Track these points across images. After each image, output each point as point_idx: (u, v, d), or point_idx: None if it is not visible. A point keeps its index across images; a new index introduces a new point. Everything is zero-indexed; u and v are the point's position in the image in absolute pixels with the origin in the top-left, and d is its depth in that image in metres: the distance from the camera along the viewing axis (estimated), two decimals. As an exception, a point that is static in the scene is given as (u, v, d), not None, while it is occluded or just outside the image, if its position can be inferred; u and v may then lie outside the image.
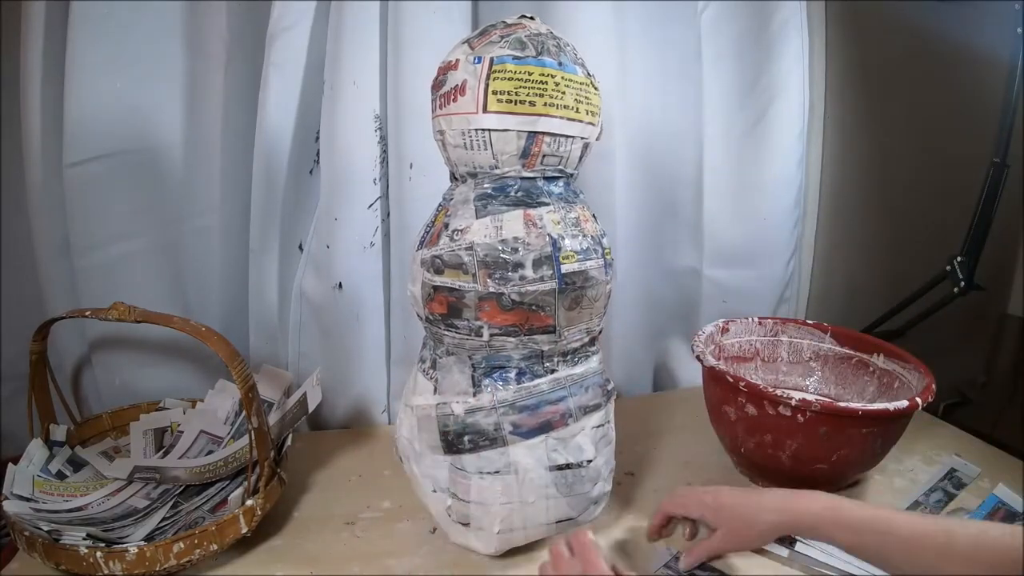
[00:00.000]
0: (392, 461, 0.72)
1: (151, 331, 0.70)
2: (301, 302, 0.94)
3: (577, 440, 0.64)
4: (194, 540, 0.61)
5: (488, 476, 0.62)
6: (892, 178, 1.08)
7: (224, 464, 0.78)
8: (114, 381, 0.90)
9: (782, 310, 1.14)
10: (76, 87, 0.80)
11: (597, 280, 0.62)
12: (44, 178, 0.82)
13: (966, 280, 0.89)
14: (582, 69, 0.62)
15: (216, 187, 0.89)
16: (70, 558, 0.59)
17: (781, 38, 1.02)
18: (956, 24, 0.90)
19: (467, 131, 0.60)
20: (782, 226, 1.10)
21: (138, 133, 0.85)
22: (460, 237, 0.60)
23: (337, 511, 0.75)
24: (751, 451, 0.77)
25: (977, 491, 0.78)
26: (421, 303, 0.63)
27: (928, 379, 0.75)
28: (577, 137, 0.62)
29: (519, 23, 0.62)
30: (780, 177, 1.08)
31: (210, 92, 0.86)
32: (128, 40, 0.82)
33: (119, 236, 0.87)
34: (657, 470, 0.84)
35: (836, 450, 0.71)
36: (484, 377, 0.62)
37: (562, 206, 0.62)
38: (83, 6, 0.78)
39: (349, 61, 0.84)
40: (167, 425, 0.84)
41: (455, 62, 0.60)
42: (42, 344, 0.75)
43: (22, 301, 0.87)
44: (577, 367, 0.65)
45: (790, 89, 1.05)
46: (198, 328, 0.67)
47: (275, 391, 0.83)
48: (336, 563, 0.66)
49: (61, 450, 0.77)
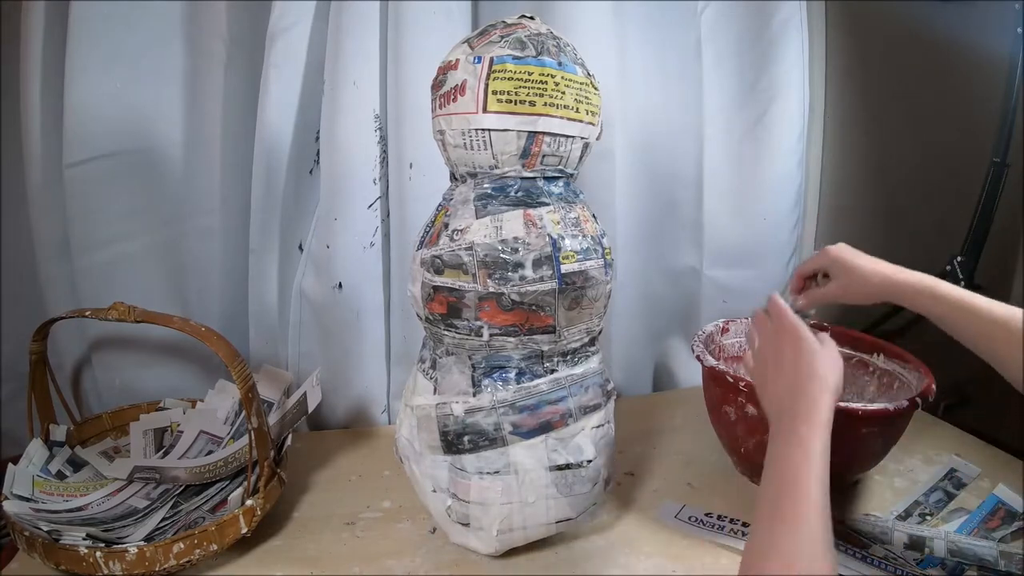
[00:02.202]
0: (392, 461, 0.72)
1: (151, 331, 0.70)
2: (301, 302, 0.94)
3: (577, 440, 0.64)
4: (194, 540, 0.61)
5: (488, 476, 0.62)
6: (892, 178, 1.08)
7: (224, 464, 0.77)
8: (114, 381, 0.90)
9: (782, 310, 1.14)
10: (76, 87, 0.80)
11: (597, 280, 0.62)
12: (44, 178, 0.82)
13: (966, 280, 0.89)
14: (582, 69, 0.62)
15: (216, 187, 0.89)
16: (70, 558, 0.59)
17: (781, 38, 1.03)
18: (956, 24, 0.90)
19: (467, 131, 0.60)
20: (782, 226, 1.10)
21: (138, 133, 0.85)
22: (460, 237, 0.60)
23: (337, 511, 0.75)
24: (751, 451, 0.77)
25: (977, 491, 0.78)
26: (421, 303, 0.63)
27: (928, 379, 0.75)
28: (577, 137, 0.62)
29: (519, 23, 0.62)
30: (780, 177, 1.08)
31: (210, 92, 0.86)
32: (128, 40, 0.82)
33: (119, 236, 0.87)
34: (657, 470, 0.84)
35: (836, 450, 0.71)
36: (484, 377, 0.62)
37: (562, 206, 0.62)
38: (83, 6, 0.78)
39: (349, 61, 0.84)
40: (167, 425, 0.84)
41: (455, 62, 0.60)
42: (42, 344, 0.75)
43: (22, 301, 0.87)
44: (577, 367, 0.65)
45: (790, 89, 1.05)
46: (198, 328, 0.67)
47: (275, 391, 0.83)
48: (336, 563, 0.66)
49: (61, 450, 0.77)
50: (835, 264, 0.70)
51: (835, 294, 0.71)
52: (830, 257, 0.71)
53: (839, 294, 0.71)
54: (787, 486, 0.46)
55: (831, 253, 0.71)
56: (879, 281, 0.67)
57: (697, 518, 0.74)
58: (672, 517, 0.74)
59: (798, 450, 0.48)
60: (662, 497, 0.78)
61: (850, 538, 0.70)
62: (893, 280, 0.66)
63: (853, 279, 0.69)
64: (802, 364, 0.54)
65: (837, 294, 0.71)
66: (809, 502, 0.44)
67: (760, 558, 0.44)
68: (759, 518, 0.46)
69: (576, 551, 0.69)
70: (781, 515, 0.45)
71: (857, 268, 0.68)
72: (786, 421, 0.51)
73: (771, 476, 0.48)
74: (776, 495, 0.46)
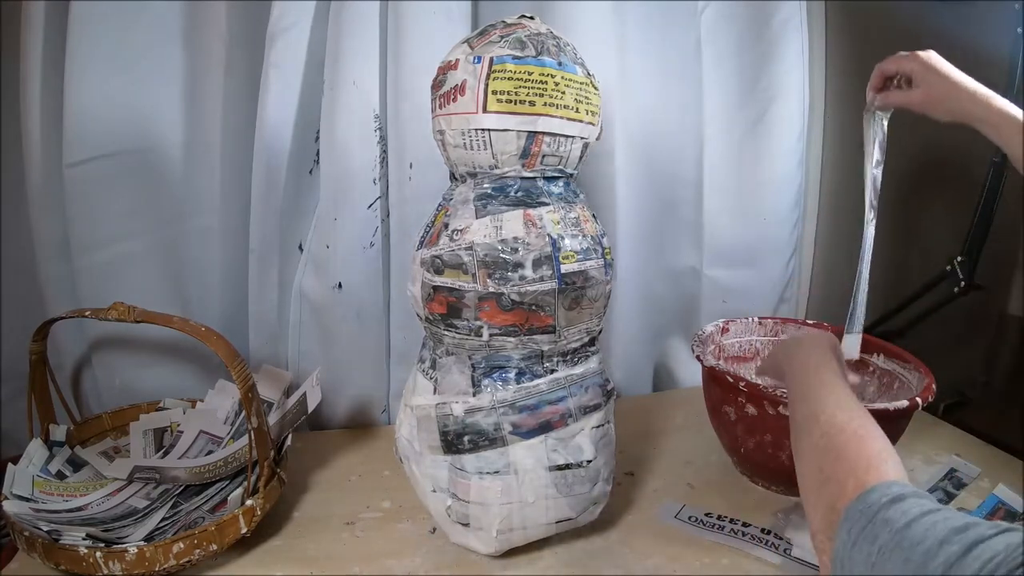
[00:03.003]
0: (392, 461, 0.72)
1: (151, 331, 0.70)
2: (301, 302, 0.94)
3: (577, 440, 0.64)
4: (194, 540, 0.61)
5: (488, 476, 0.62)
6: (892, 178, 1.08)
7: (224, 464, 0.77)
8: (114, 381, 0.90)
9: (782, 310, 1.14)
10: (76, 87, 0.80)
11: (597, 280, 0.62)
12: (44, 178, 0.82)
13: (966, 280, 0.89)
14: (582, 69, 0.62)
15: (216, 187, 0.89)
16: (70, 558, 0.59)
17: (781, 38, 1.03)
18: (956, 24, 0.90)
19: (467, 131, 0.60)
20: (782, 226, 1.10)
21: (138, 133, 0.85)
22: (460, 237, 0.60)
23: (337, 511, 0.75)
24: (751, 451, 0.77)
25: (977, 491, 0.78)
26: (421, 303, 0.63)
27: (928, 379, 0.75)
28: (577, 137, 0.62)
29: (519, 23, 0.62)
30: (780, 177, 1.08)
31: (210, 92, 0.86)
32: (128, 40, 0.82)
33: (119, 236, 0.87)
34: (657, 470, 0.84)
35: (836, 450, 0.71)
36: (484, 377, 0.62)
37: (562, 206, 0.62)
38: (83, 6, 0.78)
39: (349, 61, 0.84)
40: (167, 425, 0.84)
41: (455, 62, 0.60)
42: (42, 344, 0.75)
43: (22, 301, 0.87)
44: (577, 367, 0.65)
45: (790, 89, 1.05)
46: (198, 328, 0.67)
47: (275, 391, 0.83)
48: (336, 563, 0.66)
49: (61, 450, 0.77)
50: (925, 70, 0.65)
51: (917, 101, 0.66)
52: (919, 61, 0.65)
53: (922, 101, 0.66)
54: (803, 385, 0.53)
55: (920, 57, 0.65)
56: (967, 97, 0.62)
57: (697, 518, 0.74)
58: (672, 517, 0.74)
59: (813, 378, 0.53)
60: (662, 497, 0.78)
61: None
62: (989, 105, 0.60)
63: (941, 90, 0.63)
64: (791, 345, 0.63)
65: (919, 101, 0.66)
66: (828, 379, 0.51)
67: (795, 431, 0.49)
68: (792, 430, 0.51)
69: (576, 551, 0.69)
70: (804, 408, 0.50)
71: (949, 78, 0.63)
72: (794, 381, 0.56)
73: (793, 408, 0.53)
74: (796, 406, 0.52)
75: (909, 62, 0.67)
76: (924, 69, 0.65)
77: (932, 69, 0.64)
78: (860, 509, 0.38)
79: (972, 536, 0.32)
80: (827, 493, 0.42)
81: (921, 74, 0.65)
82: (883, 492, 0.38)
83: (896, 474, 0.40)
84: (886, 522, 0.36)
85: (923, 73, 0.65)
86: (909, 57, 0.67)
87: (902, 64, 0.68)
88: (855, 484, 0.40)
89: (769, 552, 0.68)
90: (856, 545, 0.37)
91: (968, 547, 0.32)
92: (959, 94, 0.62)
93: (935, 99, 0.64)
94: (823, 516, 0.41)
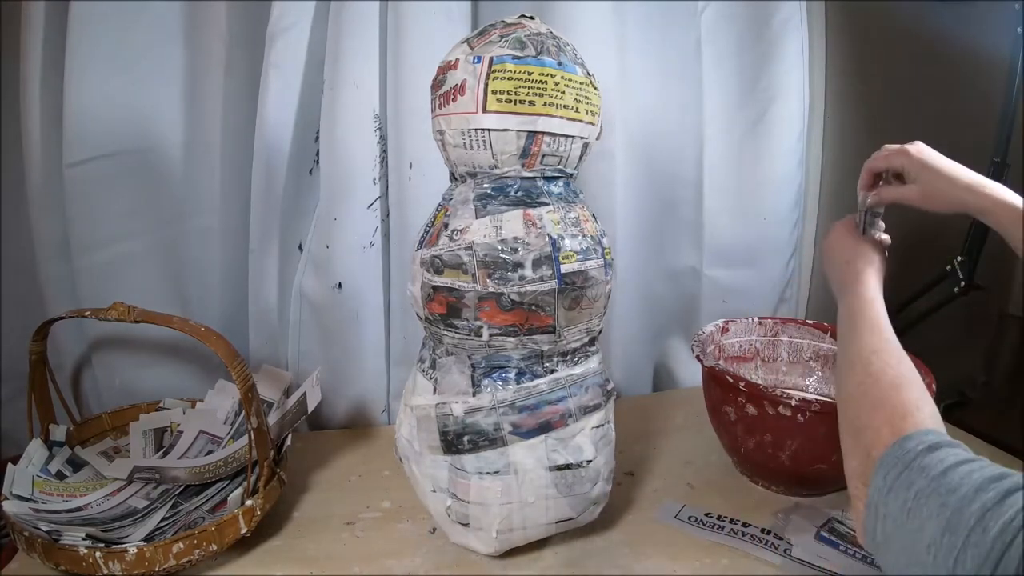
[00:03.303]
0: (392, 461, 0.72)
1: (151, 331, 0.70)
2: (301, 302, 0.94)
3: (577, 440, 0.64)
4: (194, 540, 0.61)
5: (488, 476, 0.62)
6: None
7: (224, 464, 0.77)
8: (114, 381, 0.90)
9: (782, 310, 1.14)
10: (76, 87, 0.80)
11: (597, 280, 0.62)
12: (44, 178, 0.82)
13: (966, 280, 0.89)
14: (582, 69, 0.62)
15: (216, 187, 0.89)
16: (70, 558, 0.59)
17: (781, 38, 1.03)
18: (956, 24, 0.90)
19: (467, 131, 0.60)
20: (782, 226, 1.10)
21: (138, 133, 0.85)
22: (460, 237, 0.60)
23: (337, 511, 0.75)
24: (751, 451, 0.77)
25: (977, 491, 0.78)
26: (421, 303, 0.63)
27: (928, 379, 0.75)
28: (577, 137, 0.62)
29: (519, 23, 0.62)
30: (780, 177, 1.08)
31: (210, 92, 0.86)
32: (128, 40, 0.82)
33: (119, 236, 0.87)
34: (657, 470, 0.84)
35: (836, 450, 0.70)
36: (484, 377, 0.62)
37: (562, 206, 0.62)
38: (83, 6, 0.78)
39: (349, 61, 0.84)
40: (167, 425, 0.84)
41: (455, 62, 0.60)
42: (42, 344, 0.75)
43: (22, 301, 0.87)
44: (577, 367, 0.65)
45: (790, 89, 1.05)
46: (197, 328, 0.67)
47: (275, 391, 0.83)
48: (336, 563, 0.66)
49: (61, 450, 0.77)
50: (917, 165, 0.62)
51: (915, 198, 0.63)
52: (910, 157, 0.62)
53: (919, 198, 0.63)
54: (847, 328, 0.56)
55: (911, 153, 0.63)
56: (965, 198, 0.59)
57: (697, 518, 0.74)
58: (672, 517, 0.74)
59: (853, 301, 0.59)
60: (662, 497, 0.78)
61: (850, 538, 0.70)
62: (985, 195, 0.59)
63: (938, 186, 0.61)
64: (844, 253, 0.67)
65: (916, 198, 0.63)
66: (867, 326, 0.55)
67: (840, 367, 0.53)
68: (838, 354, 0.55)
69: (576, 551, 0.69)
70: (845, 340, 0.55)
71: (943, 173, 0.60)
72: (841, 293, 0.62)
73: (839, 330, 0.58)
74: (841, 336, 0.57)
75: (899, 158, 0.64)
76: (917, 166, 0.62)
77: (925, 166, 0.62)
78: (896, 456, 0.39)
79: (1007, 485, 0.33)
80: (864, 440, 0.43)
81: (915, 171, 0.62)
82: (919, 440, 0.39)
83: (932, 423, 0.41)
84: (922, 469, 0.37)
85: (917, 170, 0.62)
86: (898, 152, 0.64)
87: (892, 161, 0.65)
88: (891, 432, 0.41)
89: (769, 552, 0.68)
90: (892, 491, 0.38)
91: (1003, 495, 0.33)
92: (955, 188, 0.60)
93: (932, 195, 0.62)
94: (860, 462, 0.42)
